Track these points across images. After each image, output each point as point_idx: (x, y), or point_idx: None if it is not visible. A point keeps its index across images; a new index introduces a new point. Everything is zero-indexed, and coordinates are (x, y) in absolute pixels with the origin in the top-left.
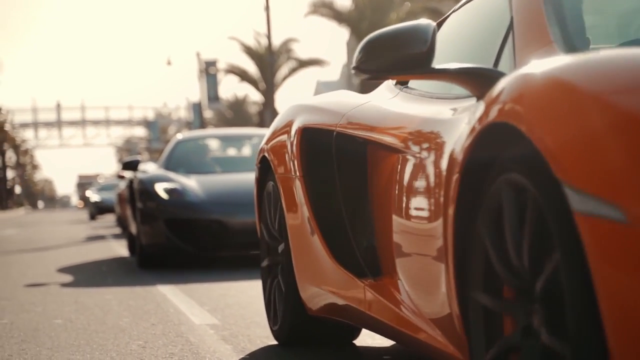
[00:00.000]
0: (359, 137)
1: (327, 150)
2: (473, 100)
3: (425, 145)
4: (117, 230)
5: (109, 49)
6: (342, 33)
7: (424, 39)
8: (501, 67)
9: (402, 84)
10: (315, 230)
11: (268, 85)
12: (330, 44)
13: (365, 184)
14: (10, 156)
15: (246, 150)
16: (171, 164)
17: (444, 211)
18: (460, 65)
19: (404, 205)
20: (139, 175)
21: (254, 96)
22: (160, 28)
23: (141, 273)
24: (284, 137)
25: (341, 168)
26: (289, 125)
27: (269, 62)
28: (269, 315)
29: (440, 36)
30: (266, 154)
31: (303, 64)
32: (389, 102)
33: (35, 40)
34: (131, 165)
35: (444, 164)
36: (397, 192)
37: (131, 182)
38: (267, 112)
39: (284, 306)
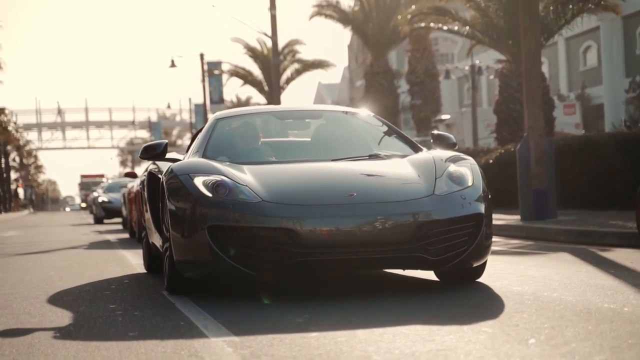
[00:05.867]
0: None
1: None
2: None
3: None
4: (125, 235)
5: (112, 50)
6: (344, 36)
7: None
8: None
9: None
10: None
11: (272, 87)
12: (332, 47)
13: None
14: (14, 157)
15: (309, 133)
16: (209, 151)
17: None
18: None
19: None
20: (169, 164)
21: (258, 98)
22: (164, 29)
23: (145, 278)
24: None
25: None
26: None
27: (274, 64)
28: None
29: None
30: None
31: (307, 66)
32: None
33: (39, 40)
34: (155, 151)
35: None
36: None
37: (150, 174)
38: None
39: None
